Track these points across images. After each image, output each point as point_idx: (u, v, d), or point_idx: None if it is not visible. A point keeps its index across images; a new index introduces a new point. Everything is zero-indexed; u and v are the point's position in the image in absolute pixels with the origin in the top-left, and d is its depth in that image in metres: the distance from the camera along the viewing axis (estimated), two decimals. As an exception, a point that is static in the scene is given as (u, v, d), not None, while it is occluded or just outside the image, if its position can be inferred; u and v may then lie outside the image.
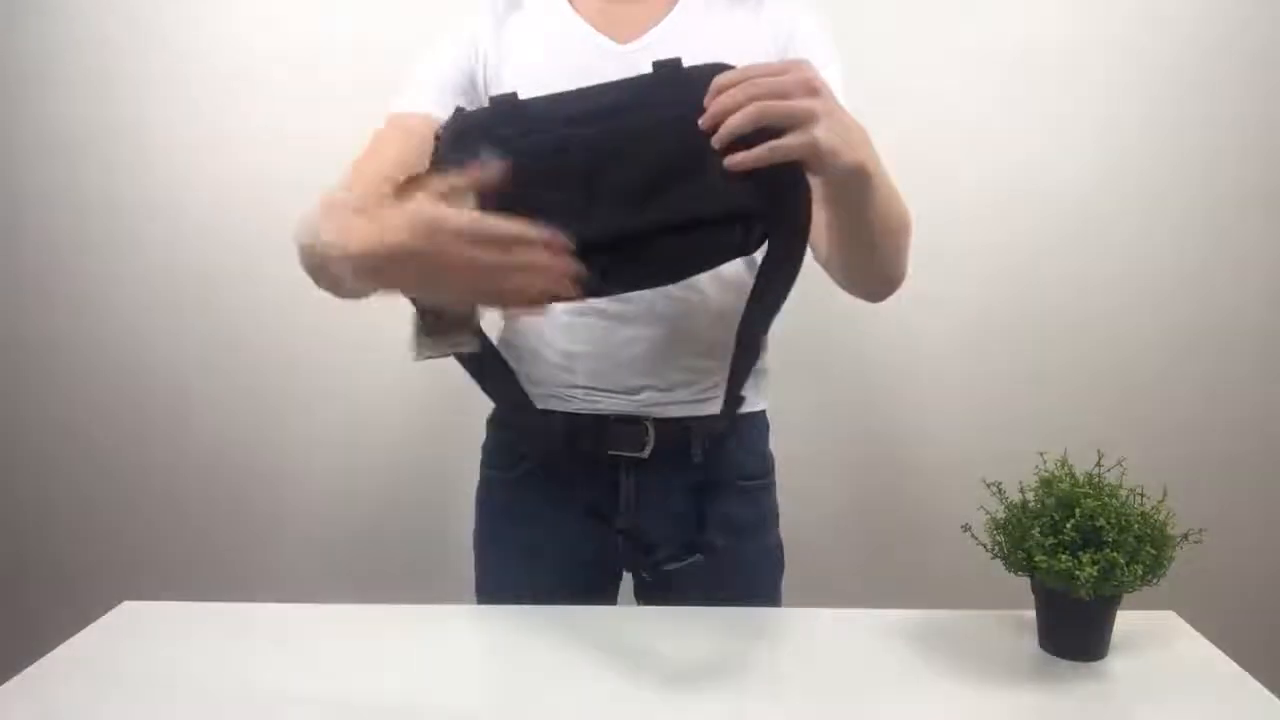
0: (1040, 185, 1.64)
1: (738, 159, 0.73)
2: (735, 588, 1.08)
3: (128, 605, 1.01)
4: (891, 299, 1.01)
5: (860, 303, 1.03)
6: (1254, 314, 1.67)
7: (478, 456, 1.19)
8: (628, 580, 1.16)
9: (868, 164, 0.78)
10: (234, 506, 1.76)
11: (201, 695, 0.82)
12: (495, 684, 0.89)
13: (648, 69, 0.84)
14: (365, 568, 1.74)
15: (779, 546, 1.16)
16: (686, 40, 1.03)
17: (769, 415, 1.17)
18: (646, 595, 1.13)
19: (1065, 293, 1.67)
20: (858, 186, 0.80)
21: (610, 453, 1.06)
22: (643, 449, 1.05)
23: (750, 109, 0.72)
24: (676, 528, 1.07)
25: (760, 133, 0.73)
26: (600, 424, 1.06)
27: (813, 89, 0.73)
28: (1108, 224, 1.65)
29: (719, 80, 0.73)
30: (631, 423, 1.05)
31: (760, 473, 1.14)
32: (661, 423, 1.05)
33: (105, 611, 0.99)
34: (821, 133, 0.72)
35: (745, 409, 1.08)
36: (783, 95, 0.72)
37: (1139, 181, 1.64)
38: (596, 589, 1.13)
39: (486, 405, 1.17)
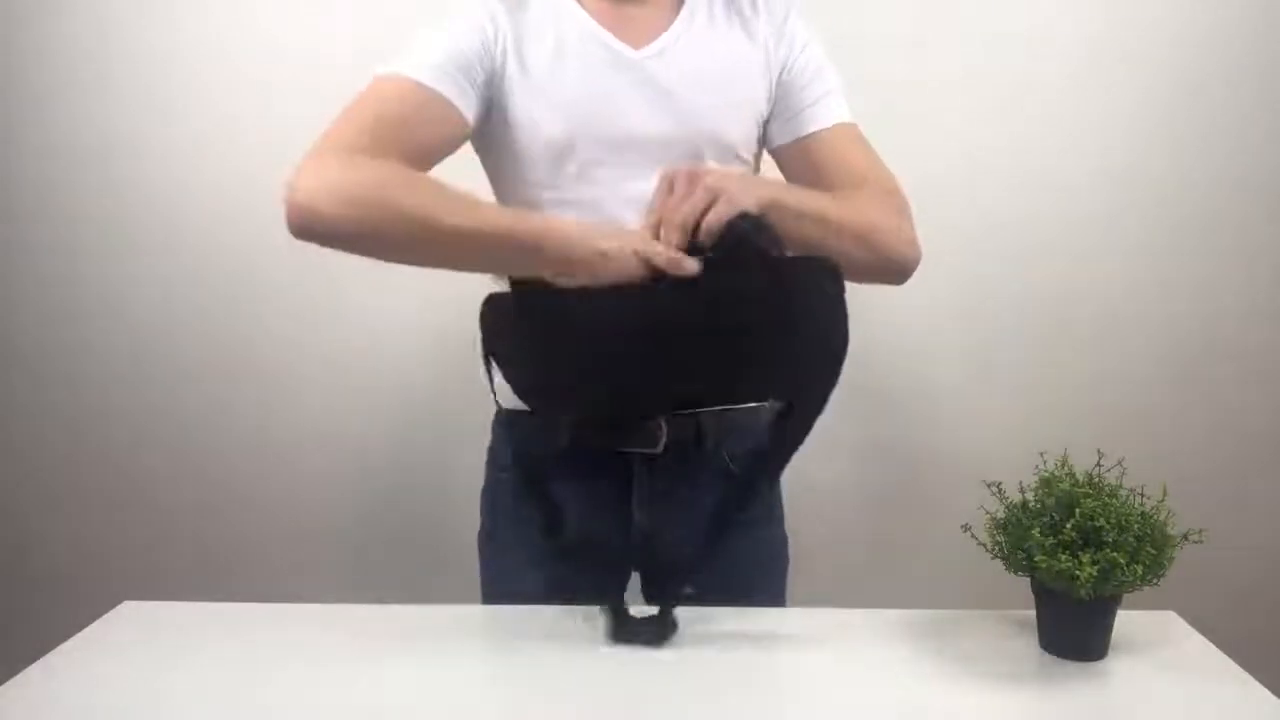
0: (1043, 187, 1.64)
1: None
2: (744, 579, 1.09)
3: (128, 605, 1.01)
4: (891, 298, 1.01)
5: (860, 303, 1.03)
6: (1254, 314, 1.67)
7: (482, 455, 1.19)
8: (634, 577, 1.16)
9: (776, 197, 0.92)
10: (235, 506, 1.75)
11: (201, 695, 0.82)
12: (499, 685, 0.89)
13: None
14: (368, 568, 1.74)
15: (785, 540, 1.17)
16: (696, 48, 1.05)
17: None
18: (654, 589, 1.14)
19: (1066, 293, 1.67)
20: (779, 217, 0.92)
21: (623, 450, 1.07)
22: (656, 445, 1.06)
23: (681, 221, 0.87)
24: (690, 520, 1.07)
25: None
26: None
27: (712, 189, 0.87)
28: (1109, 225, 1.65)
29: (650, 224, 0.90)
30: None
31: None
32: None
33: (105, 611, 0.99)
34: (734, 197, 0.87)
35: (753, 403, 1.09)
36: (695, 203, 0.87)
37: (1139, 183, 1.64)
38: (605, 586, 1.13)
39: (490, 404, 1.16)
